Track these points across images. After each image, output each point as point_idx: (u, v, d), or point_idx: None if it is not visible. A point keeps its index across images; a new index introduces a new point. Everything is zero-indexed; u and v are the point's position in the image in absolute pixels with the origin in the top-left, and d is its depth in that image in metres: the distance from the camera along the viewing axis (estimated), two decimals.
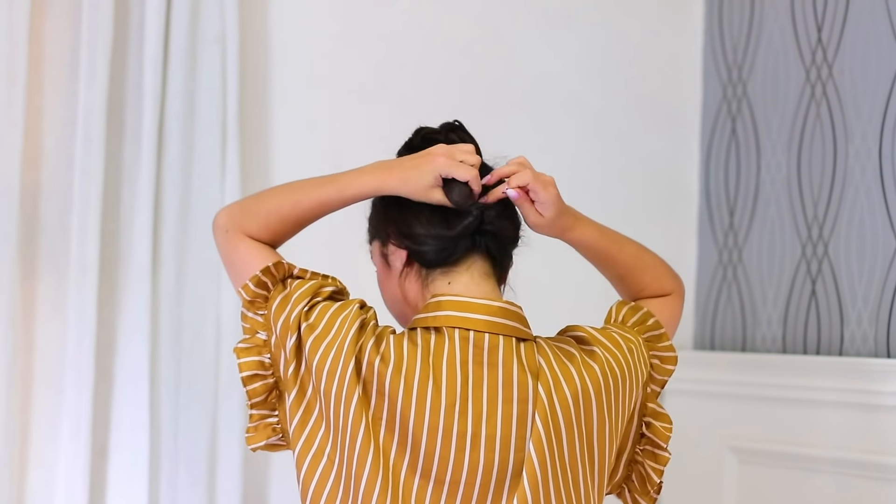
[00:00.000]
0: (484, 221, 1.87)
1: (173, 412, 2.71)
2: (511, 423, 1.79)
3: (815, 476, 2.76)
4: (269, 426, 1.89)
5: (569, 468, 1.81)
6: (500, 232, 1.90)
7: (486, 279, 1.89)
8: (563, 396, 1.81)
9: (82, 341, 2.61)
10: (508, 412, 1.80)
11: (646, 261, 2.07)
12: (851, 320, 2.78)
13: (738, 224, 3.12)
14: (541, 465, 1.78)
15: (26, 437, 2.63)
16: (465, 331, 1.82)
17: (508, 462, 1.79)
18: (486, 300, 1.85)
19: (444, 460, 1.78)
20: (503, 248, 1.92)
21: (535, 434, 1.79)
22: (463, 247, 1.88)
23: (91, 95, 2.64)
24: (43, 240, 2.65)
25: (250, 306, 1.90)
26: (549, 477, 1.79)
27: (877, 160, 2.73)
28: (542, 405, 1.80)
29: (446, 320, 1.83)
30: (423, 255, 1.88)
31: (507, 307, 1.86)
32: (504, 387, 1.81)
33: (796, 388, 2.82)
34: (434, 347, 1.81)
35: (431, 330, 1.84)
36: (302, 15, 2.91)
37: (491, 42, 3.08)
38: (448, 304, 1.85)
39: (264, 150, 2.87)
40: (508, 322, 1.85)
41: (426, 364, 1.80)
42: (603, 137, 3.18)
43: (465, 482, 1.78)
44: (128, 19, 2.71)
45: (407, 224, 1.89)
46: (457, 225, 1.86)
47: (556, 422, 1.80)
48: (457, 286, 1.87)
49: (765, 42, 3.06)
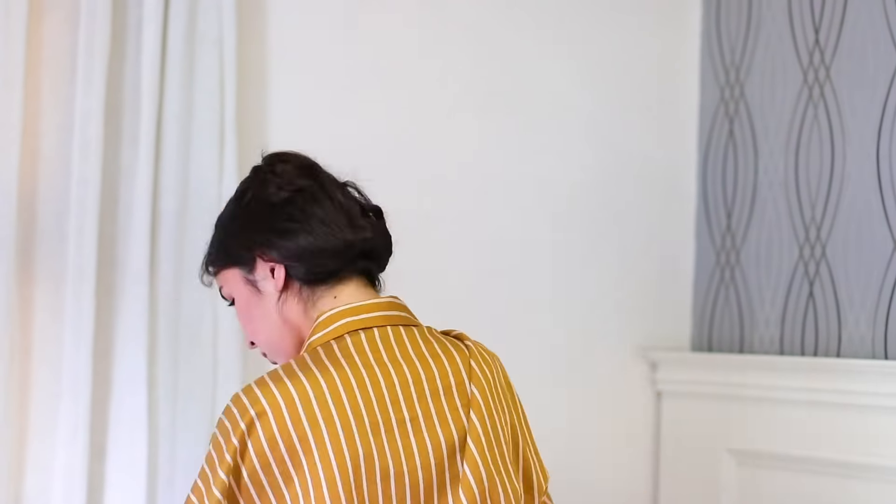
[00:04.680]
0: (374, 250, 1.92)
1: (171, 415, 2.70)
2: (440, 399, 1.82)
3: (812, 478, 2.77)
4: None
5: (502, 439, 1.86)
6: (382, 260, 1.94)
7: (366, 288, 1.92)
8: (486, 360, 1.89)
9: (80, 345, 2.61)
10: (434, 388, 1.83)
11: None
12: (849, 322, 2.78)
13: (735, 226, 3.12)
14: (483, 432, 1.82)
15: (24, 441, 2.63)
16: (369, 330, 1.85)
17: (452, 434, 1.82)
18: (372, 300, 1.89)
19: (395, 453, 1.79)
20: (380, 267, 1.96)
21: (474, 405, 1.83)
22: (355, 267, 1.90)
23: (88, 99, 2.63)
24: (40, 243, 2.65)
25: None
26: (493, 443, 1.83)
27: (874, 162, 2.73)
28: (477, 377, 1.85)
29: (345, 327, 1.85)
30: (312, 270, 1.88)
31: (392, 300, 1.91)
32: (423, 367, 1.84)
33: (794, 389, 2.82)
34: (343, 355, 1.82)
35: (332, 342, 1.84)
36: (299, 17, 2.91)
37: (486, 44, 3.08)
38: (343, 313, 1.86)
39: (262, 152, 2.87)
40: (399, 313, 1.90)
41: (345, 379, 1.80)
42: (599, 140, 3.18)
43: (422, 466, 1.79)
44: (125, 22, 2.71)
45: (288, 239, 1.88)
46: (359, 231, 1.89)
47: (493, 391, 1.87)
48: (343, 298, 1.89)
49: (762, 44, 3.06)
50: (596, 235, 3.14)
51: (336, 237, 1.87)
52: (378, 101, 2.97)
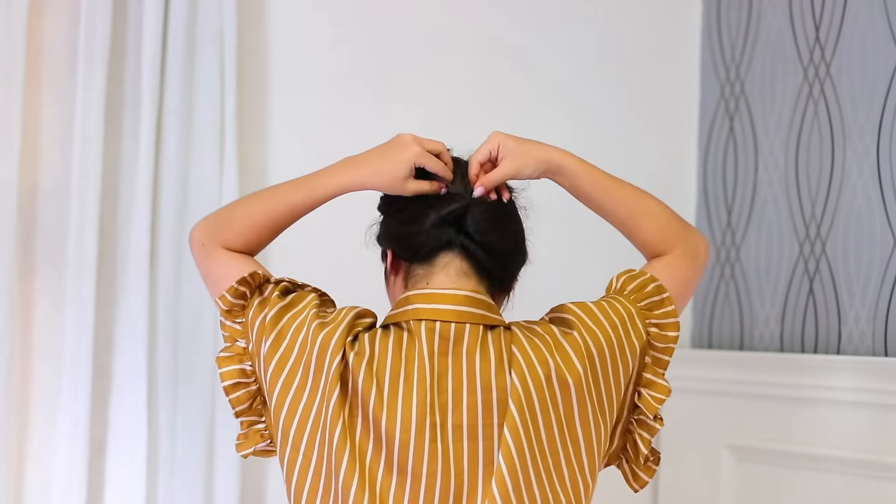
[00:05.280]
0: (467, 220, 1.86)
1: (171, 410, 2.71)
2: (476, 412, 1.78)
3: (812, 474, 2.77)
4: (257, 432, 1.89)
5: (549, 453, 1.79)
6: (485, 241, 1.87)
7: (463, 278, 1.86)
8: (537, 381, 1.79)
9: (80, 339, 2.61)
10: (473, 401, 1.78)
11: (649, 206, 1.99)
12: (849, 319, 2.78)
13: (735, 222, 3.12)
14: (518, 451, 1.77)
15: (24, 435, 2.63)
16: (432, 322, 1.82)
17: (478, 451, 1.78)
18: (452, 290, 1.84)
19: (418, 455, 1.77)
20: (491, 256, 1.88)
21: (510, 421, 1.77)
22: (440, 239, 1.86)
23: (89, 94, 2.64)
24: (41, 238, 2.65)
25: (228, 315, 1.91)
26: (528, 463, 1.77)
27: (874, 159, 2.73)
28: (516, 391, 1.78)
29: (414, 314, 1.83)
30: (402, 247, 1.87)
31: (473, 295, 1.84)
32: (468, 376, 1.80)
33: (794, 386, 2.82)
34: (405, 343, 1.81)
35: (402, 325, 1.83)
36: (300, 13, 2.91)
37: (488, 41, 3.08)
38: (415, 298, 1.84)
39: (262, 148, 2.87)
40: (475, 310, 1.84)
41: (397, 360, 1.80)
42: (600, 136, 3.18)
43: (441, 475, 1.77)
44: (126, 17, 2.71)
45: (392, 221, 1.89)
46: (441, 210, 1.85)
47: (532, 407, 1.78)
48: (433, 284, 1.86)
49: (763, 40, 3.06)
50: (596, 231, 3.14)
51: (424, 211, 1.86)
52: (380, 99, 2.97)
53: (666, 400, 1.89)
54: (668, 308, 1.91)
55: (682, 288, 1.97)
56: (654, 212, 1.99)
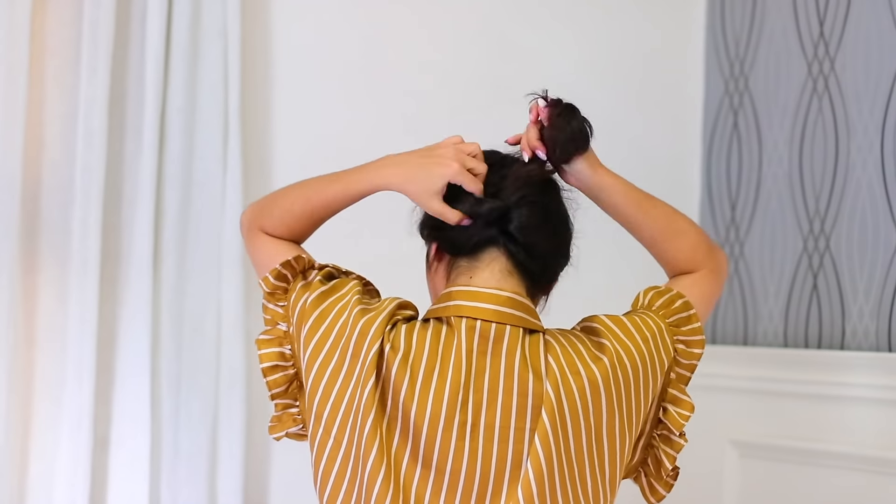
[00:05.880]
0: (510, 219, 1.85)
1: (174, 406, 2.71)
2: (510, 414, 1.79)
3: (815, 470, 2.77)
4: (291, 416, 1.90)
5: (575, 463, 1.80)
6: (528, 242, 1.86)
7: (507, 277, 1.86)
8: (570, 391, 1.79)
9: (83, 335, 2.62)
10: (508, 403, 1.79)
11: (681, 225, 1.99)
12: (853, 314, 2.78)
13: (739, 218, 3.12)
14: (546, 460, 1.77)
15: (28, 431, 2.64)
16: (472, 320, 1.82)
17: (507, 453, 1.78)
18: (496, 290, 1.84)
19: (444, 451, 1.77)
20: (532, 257, 1.87)
21: (541, 429, 1.77)
22: (484, 235, 1.85)
23: (92, 89, 2.64)
24: (44, 234, 2.65)
25: (270, 298, 1.91)
26: (554, 472, 1.78)
27: (878, 154, 2.73)
28: (549, 400, 1.78)
29: (455, 310, 1.83)
30: (447, 241, 1.87)
31: (515, 297, 1.84)
32: (505, 377, 1.80)
33: (797, 382, 2.82)
34: (444, 338, 1.81)
35: (443, 320, 1.83)
36: (303, 8, 2.91)
37: (493, 38, 3.08)
38: (458, 295, 1.84)
39: (266, 144, 2.88)
40: (516, 312, 1.84)
41: (434, 354, 1.80)
42: (604, 132, 3.13)
43: (466, 473, 1.78)
44: (129, 13, 2.71)
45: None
46: (483, 205, 1.84)
47: (563, 417, 1.79)
48: (477, 281, 1.86)
49: (767, 36, 3.06)
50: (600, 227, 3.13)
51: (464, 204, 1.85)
52: (383, 93, 2.97)
53: (691, 417, 1.90)
54: (694, 325, 1.92)
55: (706, 306, 1.99)
56: (687, 231, 1.99)
